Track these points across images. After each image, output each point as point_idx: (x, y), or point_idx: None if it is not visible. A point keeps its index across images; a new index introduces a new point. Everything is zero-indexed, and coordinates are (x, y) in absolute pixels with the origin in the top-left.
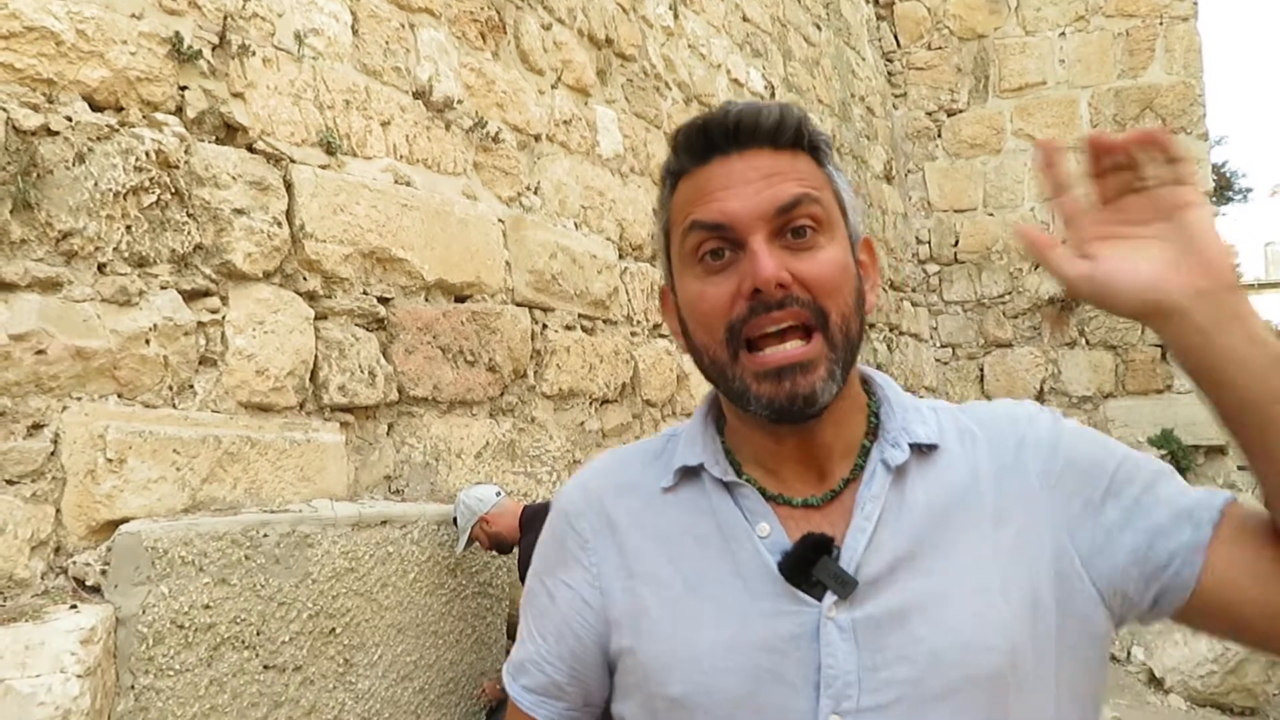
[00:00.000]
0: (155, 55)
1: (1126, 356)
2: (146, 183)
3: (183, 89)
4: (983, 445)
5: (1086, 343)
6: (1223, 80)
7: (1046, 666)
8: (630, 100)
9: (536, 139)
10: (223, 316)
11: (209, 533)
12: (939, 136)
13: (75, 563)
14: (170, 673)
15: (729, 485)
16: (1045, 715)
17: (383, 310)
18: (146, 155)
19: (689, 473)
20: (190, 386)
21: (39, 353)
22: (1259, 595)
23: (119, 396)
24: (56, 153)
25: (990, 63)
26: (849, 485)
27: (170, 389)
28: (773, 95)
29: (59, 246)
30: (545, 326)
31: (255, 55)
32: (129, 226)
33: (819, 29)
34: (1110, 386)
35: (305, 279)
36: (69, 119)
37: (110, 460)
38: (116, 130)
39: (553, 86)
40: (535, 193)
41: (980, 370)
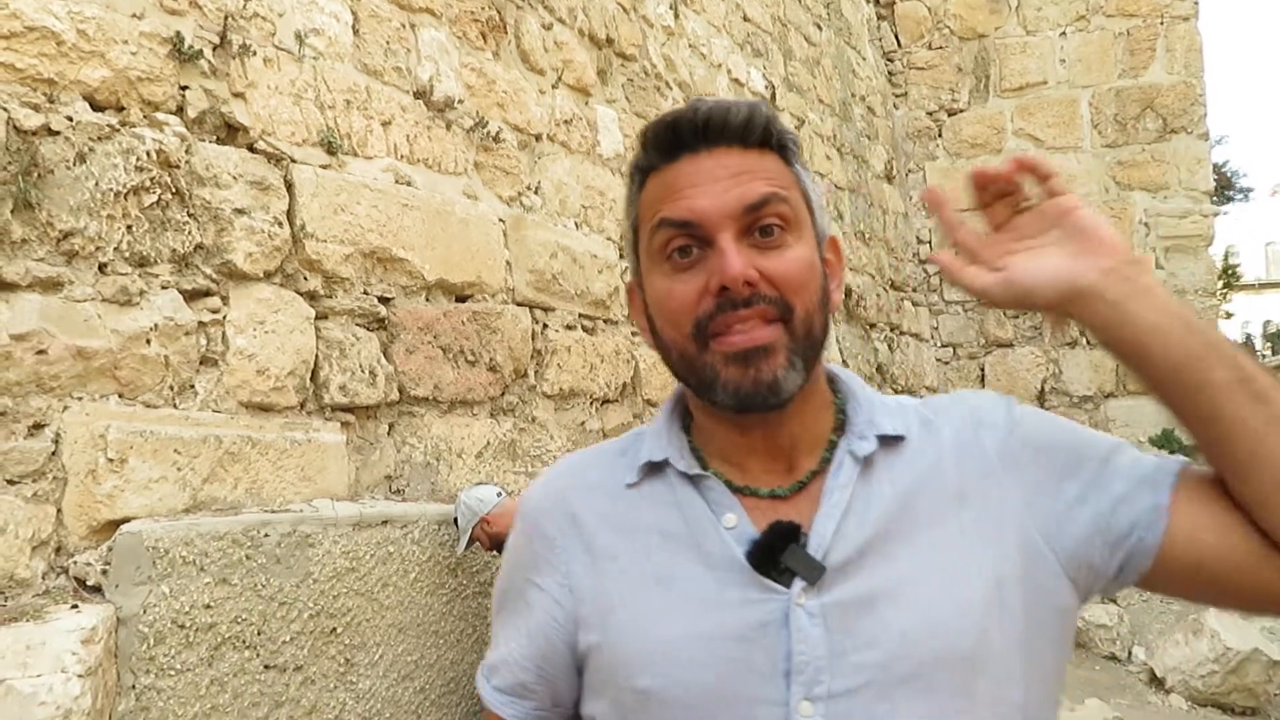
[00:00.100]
0: (156, 55)
1: None
2: (147, 182)
3: (184, 89)
4: (944, 429)
5: (1087, 342)
6: (1223, 80)
7: (1013, 645)
8: (631, 100)
9: (537, 139)
10: (223, 316)
11: (210, 533)
12: (940, 136)
13: (76, 562)
14: (171, 672)
15: (694, 478)
16: (1012, 695)
17: (383, 310)
18: (147, 155)
19: (654, 468)
20: (191, 386)
21: (40, 353)
22: (1221, 549)
23: (120, 396)
24: (57, 152)
25: (991, 62)
26: (816, 477)
27: (171, 389)
28: (773, 95)
29: (60, 246)
30: (546, 326)
31: (256, 55)
32: (130, 226)
33: (820, 29)
34: (1111, 386)
35: (306, 279)
36: (70, 119)
37: (111, 460)
38: (117, 130)
39: (553, 86)
40: (536, 192)
41: (981, 370)
